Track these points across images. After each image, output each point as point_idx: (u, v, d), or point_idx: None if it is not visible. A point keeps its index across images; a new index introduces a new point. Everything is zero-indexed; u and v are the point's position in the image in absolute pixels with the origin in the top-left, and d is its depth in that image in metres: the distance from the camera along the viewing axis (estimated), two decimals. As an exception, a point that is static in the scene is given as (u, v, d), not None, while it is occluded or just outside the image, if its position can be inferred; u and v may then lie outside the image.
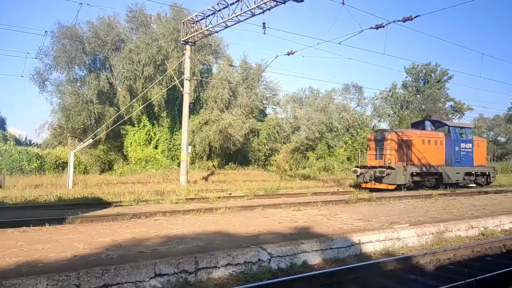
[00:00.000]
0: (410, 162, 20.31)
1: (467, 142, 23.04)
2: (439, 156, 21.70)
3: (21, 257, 5.72)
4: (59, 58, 31.10)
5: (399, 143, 20.30)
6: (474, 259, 7.33)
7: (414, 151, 20.67)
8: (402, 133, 21.25)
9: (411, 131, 22.76)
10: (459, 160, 22.35)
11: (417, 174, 20.45)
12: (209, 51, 33.96)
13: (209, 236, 7.43)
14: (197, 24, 20.94)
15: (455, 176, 21.87)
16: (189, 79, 21.89)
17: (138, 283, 5.37)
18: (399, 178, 19.34)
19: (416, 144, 20.81)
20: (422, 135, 21.57)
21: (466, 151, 22.86)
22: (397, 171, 19.36)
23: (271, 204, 13.06)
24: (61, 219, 9.12)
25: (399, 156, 20.08)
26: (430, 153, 21.22)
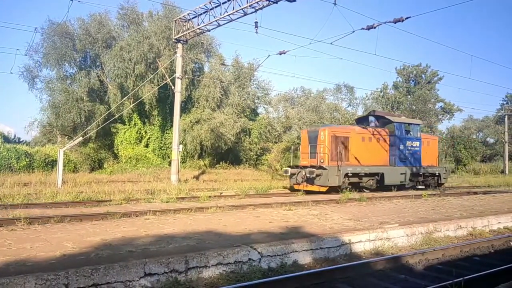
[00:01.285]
0: (346, 161, 18.55)
1: (414, 140, 21.20)
2: (382, 155, 20.00)
3: (9, 256, 5.67)
4: (49, 55, 30.80)
5: (334, 140, 18.37)
6: (463, 259, 7.41)
7: (352, 149, 18.90)
8: (338, 129, 19.55)
9: (348, 127, 21.25)
10: (404, 159, 20.57)
11: (354, 174, 18.50)
12: (201, 49, 33.84)
13: (200, 236, 7.41)
14: (189, 23, 20.83)
15: (399, 177, 19.97)
16: (180, 78, 21.78)
17: (128, 283, 5.34)
18: (332, 179, 17.43)
19: (354, 141, 19.08)
20: (361, 132, 19.68)
21: (413, 150, 21.01)
22: (330, 172, 17.40)
23: (262, 203, 13.06)
24: (49, 218, 9.00)
25: (333, 154, 18.16)
26: (371, 152, 19.47)
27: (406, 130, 21.00)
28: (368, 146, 19.48)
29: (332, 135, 18.34)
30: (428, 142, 22.47)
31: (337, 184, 17.50)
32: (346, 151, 18.73)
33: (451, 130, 55.95)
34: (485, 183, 28.70)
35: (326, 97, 48.45)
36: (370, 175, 19.30)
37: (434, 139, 23.80)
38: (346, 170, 18.02)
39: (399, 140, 20.40)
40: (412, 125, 21.76)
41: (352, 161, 18.73)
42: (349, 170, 18.16)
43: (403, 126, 20.85)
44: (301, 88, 50.16)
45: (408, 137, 20.95)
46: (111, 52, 31.01)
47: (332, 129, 18.99)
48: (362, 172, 18.75)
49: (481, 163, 50.62)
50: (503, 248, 8.34)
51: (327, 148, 18.04)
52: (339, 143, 18.46)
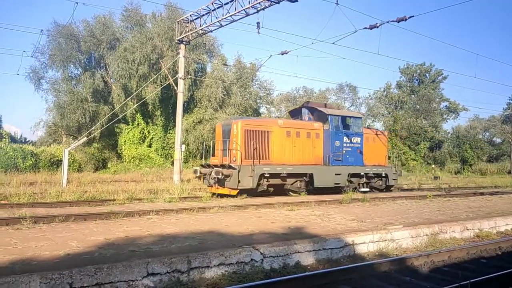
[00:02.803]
0: (266, 159, 16.12)
1: (354, 136, 18.45)
2: (314, 152, 17.50)
3: (15, 255, 5.73)
4: (54, 56, 31.03)
5: (248, 135, 15.79)
6: (469, 261, 7.36)
7: (274, 146, 16.39)
8: (254, 123, 16.97)
9: (269, 120, 19.07)
10: (340, 157, 17.88)
11: (273, 175, 15.95)
12: (204, 50, 33.96)
13: (202, 236, 7.43)
14: (191, 24, 20.91)
15: (333, 178, 17.45)
16: (183, 78, 21.84)
17: (131, 282, 5.37)
18: (244, 181, 14.95)
19: (276, 136, 16.52)
20: (287, 125, 17.19)
21: (352, 147, 18.35)
22: (241, 172, 14.90)
23: (264, 203, 13.05)
24: (54, 217, 9.05)
25: (248, 151, 15.62)
26: (299, 149, 17.03)
27: (344, 124, 18.25)
28: (296, 142, 16.94)
29: (246, 129, 15.75)
30: (374, 138, 19.83)
31: (251, 186, 15.06)
32: (266, 147, 16.18)
33: (457, 129, 55.70)
34: (492, 183, 28.49)
35: (328, 97, 48.49)
36: (296, 175, 16.76)
37: (382, 135, 20.83)
38: (261, 170, 15.47)
39: (335, 136, 17.78)
40: (352, 118, 18.98)
41: (275, 160, 16.28)
42: (265, 170, 15.58)
43: (340, 119, 18.14)
44: (303, 88, 50.28)
45: (347, 132, 18.22)
46: (115, 53, 31.17)
47: (246, 122, 16.38)
48: (284, 172, 16.11)
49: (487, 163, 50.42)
50: (511, 250, 8.26)
51: (240, 144, 15.50)
52: (256, 139, 15.88)
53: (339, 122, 18.03)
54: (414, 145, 48.00)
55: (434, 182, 29.60)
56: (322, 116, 17.98)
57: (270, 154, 16.25)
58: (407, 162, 45.11)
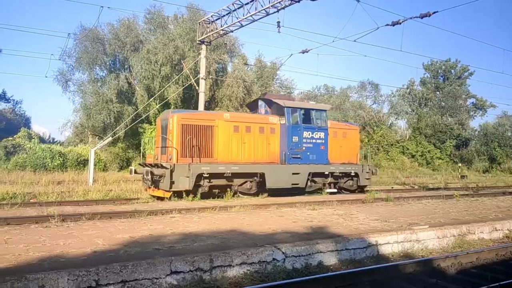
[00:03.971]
0: (208, 157, 14.53)
1: (317, 130, 16.47)
2: (269, 149, 15.69)
3: (44, 252, 5.90)
4: (81, 59, 31.81)
5: (186, 130, 14.12)
6: (499, 263, 7.15)
7: (219, 142, 14.75)
8: (193, 116, 15.00)
9: (213, 113, 17.06)
10: (298, 155, 16.00)
11: (214, 175, 14.19)
12: (224, 50, 34.12)
13: (224, 235, 7.47)
14: (212, 24, 21.12)
15: (290, 178, 15.54)
16: (204, 78, 22.07)
17: (155, 280, 5.45)
18: (179, 182, 13.40)
19: (222, 132, 14.82)
20: (234, 119, 15.45)
21: (314, 143, 16.41)
22: (176, 172, 13.34)
23: (285, 202, 13.03)
24: (81, 215, 9.29)
25: (186, 149, 14.03)
26: (250, 146, 15.30)
27: (304, 117, 16.31)
28: (246, 138, 15.21)
29: (182, 124, 14.08)
30: (344, 133, 17.93)
31: (187, 187, 13.49)
32: (209, 144, 14.59)
33: (484, 127, 53.96)
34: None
35: (350, 95, 47.97)
36: (244, 175, 14.96)
37: (353, 130, 18.83)
38: (199, 170, 13.73)
39: (293, 130, 15.87)
40: (315, 111, 16.71)
41: (220, 158, 14.68)
42: (204, 170, 13.84)
43: (299, 112, 16.10)
44: (324, 86, 49.87)
45: (307, 126, 16.27)
46: (139, 55, 31.64)
47: (183, 116, 14.62)
48: (228, 172, 14.36)
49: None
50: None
51: (176, 140, 13.94)
52: (195, 134, 14.29)
53: (298, 115, 16.04)
54: (439, 143, 46.92)
55: (461, 181, 28.87)
56: (280, 109, 16.07)
57: (214, 151, 14.63)
58: (432, 161, 44.14)
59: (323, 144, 16.67)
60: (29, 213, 10.07)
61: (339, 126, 18.30)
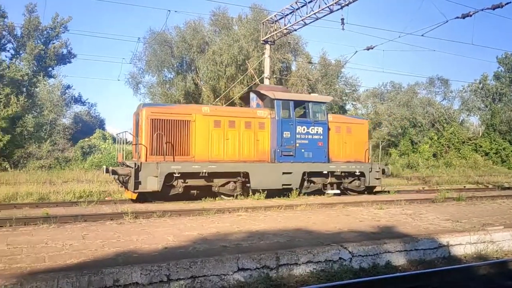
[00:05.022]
0: (184, 155, 13.21)
1: (313, 125, 14.68)
2: (257, 146, 14.19)
3: (118, 247, 6.31)
4: (150, 62, 33.56)
5: (157, 125, 12.84)
6: None
7: (197, 139, 13.35)
8: (166, 110, 13.46)
9: (189, 106, 15.11)
10: (291, 152, 14.33)
11: (188, 175, 12.89)
12: (288, 49, 34.09)
13: (290, 233, 7.54)
14: (276, 24, 21.28)
15: (279, 178, 13.95)
16: (268, 78, 22.28)
17: (223, 276, 5.64)
18: (147, 182, 12.19)
19: (200, 127, 13.43)
20: (215, 113, 13.94)
21: (310, 139, 14.68)
22: (143, 171, 12.17)
23: (351, 201, 12.81)
24: (152, 212, 9.81)
25: (157, 146, 12.67)
26: (234, 142, 13.90)
27: (298, 110, 15.02)
28: (229, 134, 13.83)
29: (152, 118, 12.78)
30: (349, 128, 15.89)
31: (156, 188, 12.25)
32: (186, 141, 13.25)
33: None
34: None
35: (418, 91, 45.79)
36: (225, 175, 13.52)
37: (359, 124, 16.59)
38: (169, 169, 12.42)
39: (284, 125, 14.23)
40: (311, 103, 14.81)
41: (198, 156, 13.33)
42: (175, 169, 12.51)
43: (291, 105, 14.44)
44: (391, 83, 48.03)
45: (301, 120, 14.65)
46: (205, 57, 32.62)
47: (153, 110, 13.19)
48: (204, 171, 12.94)
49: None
50: None
51: (145, 136, 12.73)
52: (168, 130, 12.99)
53: (290, 109, 14.37)
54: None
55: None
56: (271, 101, 14.51)
57: (191, 149, 13.28)
58: (507, 159, 40.88)
59: (321, 140, 14.86)
60: (104, 210, 10.66)
61: (342, 120, 16.49)
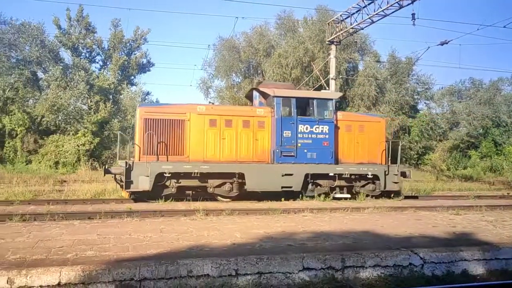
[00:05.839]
0: (178, 155, 12.93)
1: (317, 124, 13.72)
2: (256, 146, 13.54)
3: (191, 241, 6.66)
4: (219, 67, 34.78)
5: (151, 125, 12.74)
6: None
7: (191, 139, 13.05)
8: (161, 110, 13.33)
9: (184, 105, 14.27)
10: (292, 153, 13.52)
11: (179, 175, 12.64)
12: (355, 48, 33.43)
13: (356, 235, 7.39)
14: (342, 23, 20.94)
15: (278, 180, 13.18)
16: (334, 78, 21.98)
17: (288, 274, 5.69)
18: (139, 182, 12.20)
19: (195, 127, 13.11)
20: (211, 112, 13.42)
21: (314, 139, 13.71)
22: (135, 171, 12.20)
23: (424, 206, 12.22)
24: (221, 210, 10.12)
25: (150, 146, 12.58)
26: (231, 142, 13.36)
27: (301, 108, 13.88)
28: (226, 133, 13.35)
29: (145, 118, 12.76)
30: (362, 126, 14.63)
31: (147, 188, 12.22)
32: (180, 141, 13.02)
33: None
34: None
35: (502, 88, 42.28)
36: (222, 176, 13.14)
37: (374, 122, 15.20)
38: (159, 169, 12.33)
39: (284, 124, 13.47)
40: (315, 100, 13.89)
41: (193, 156, 13.00)
42: (166, 169, 12.38)
43: (293, 102, 13.62)
44: (470, 80, 44.82)
45: (304, 118, 13.72)
46: (270, 60, 33.02)
47: (147, 109, 13.28)
48: (196, 171, 12.65)
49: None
50: None
51: (139, 136, 12.73)
52: (162, 130, 12.85)
53: (292, 106, 13.60)
54: None
55: None
56: (272, 99, 13.81)
57: (186, 148, 13.03)
58: None
59: (327, 140, 13.83)
60: (179, 207, 11.33)
61: (354, 118, 15.28)
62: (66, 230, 7.37)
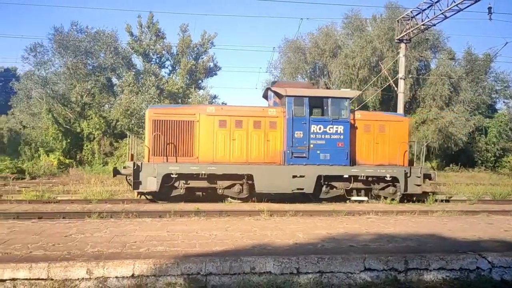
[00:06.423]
0: (189, 156, 12.99)
1: (331, 124, 13.25)
2: (268, 147, 13.33)
3: (255, 240, 7.01)
4: (285, 69, 35.05)
5: (159, 126, 12.90)
6: None
7: (201, 140, 13.07)
8: (171, 111, 13.51)
9: (193, 107, 14.68)
10: (304, 154, 13.15)
11: (186, 176, 12.73)
12: (426, 46, 32.03)
13: (421, 238, 7.31)
14: (412, 20, 20.32)
15: (289, 182, 12.91)
16: (403, 78, 21.34)
17: (349, 274, 5.83)
18: (147, 182, 12.43)
19: (204, 128, 13.10)
20: (220, 113, 13.37)
21: (328, 139, 13.25)
22: (143, 171, 12.47)
23: (499, 210, 11.61)
24: (285, 211, 10.42)
25: (160, 147, 12.82)
26: (242, 143, 13.22)
27: (314, 107, 13.58)
28: (236, 134, 13.26)
29: (154, 119, 12.97)
30: (382, 126, 13.98)
31: (155, 189, 12.47)
32: (189, 142, 13.08)
33: None
34: None
35: None
36: (231, 177, 13.07)
37: (395, 122, 14.46)
38: (166, 170, 12.53)
39: (296, 124, 13.16)
40: (329, 99, 13.42)
41: (202, 156, 13.04)
42: (172, 170, 12.55)
43: (306, 101, 13.23)
44: (563, 75, 40.80)
45: (317, 118, 13.38)
46: (337, 61, 32.71)
47: (156, 111, 13.49)
48: (203, 172, 12.68)
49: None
50: None
51: (147, 137, 13.04)
52: (171, 131, 12.99)
53: (304, 106, 13.25)
54: None
55: None
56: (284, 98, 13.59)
57: (195, 150, 13.10)
58: None
59: (342, 141, 13.37)
60: (244, 208, 11.80)
61: (374, 118, 14.57)
62: (139, 227, 7.97)
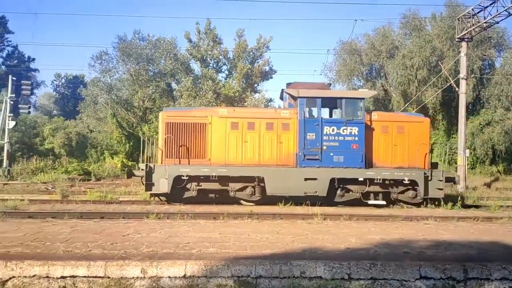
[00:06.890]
0: (200, 158, 13.10)
1: (345, 125, 12.92)
2: (280, 149, 13.14)
3: (306, 244, 7.05)
4: (340, 72, 34.66)
5: (173, 129, 13.10)
6: None
7: (213, 142, 13.14)
8: (183, 114, 13.91)
9: (205, 110, 15.25)
10: (316, 156, 12.88)
11: (199, 178, 12.81)
12: (490, 44, 30.29)
13: (483, 246, 6.98)
14: (474, 18, 19.37)
15: (301, 185, 12.61)
16: (465, 78, 20.30)
17: (404, 282, 5.71)
18: (160, 184, 12.66)
19: (217, 130, 13.15)
20: (232, 115, 13.38)
21: (342, 141, 12.92)
22: (156, 173, 12.72)
23: None
24: (339, 215, 10.29)
25: (172, 148, 13.01)
26: (254, 145, 13.14)
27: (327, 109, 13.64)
28: (248, 136, 13.22)
29: (167, 122, 13.24)
30: (401, 127, 13.37)
31: (166, 190, 12.66)
32: (201, 144, 13.21)
33: None
34: None
35: None
36: (242, 179, 12.96)
37: (415, 123, 13.72)
38: (177, 172, 12.66)
39: (308, 126, 12.96)
40: (344, 100, 13.11)
41: (214, 159, 13.10)
42: (183, 172, 12.67)
43: (318, 102, 13.07)
44: None
45: (330, 120, 13.28)
46: (394, 61, 31.79)
47: (169, 113, 13.83)
48: (214, 174, 12.71)
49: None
50: None
51: (160, 140, 13.30)
52: (183, 133, 13.18)
53: (317, 107, 13.12)
54: None
55: None
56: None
57: (207, 152, 13.22)
58: None
59: (357, 142, 13.00)
60: (298, 211, 11.72)
61: (392, 118, 14.03)
62: (193, 228, 8.26)
